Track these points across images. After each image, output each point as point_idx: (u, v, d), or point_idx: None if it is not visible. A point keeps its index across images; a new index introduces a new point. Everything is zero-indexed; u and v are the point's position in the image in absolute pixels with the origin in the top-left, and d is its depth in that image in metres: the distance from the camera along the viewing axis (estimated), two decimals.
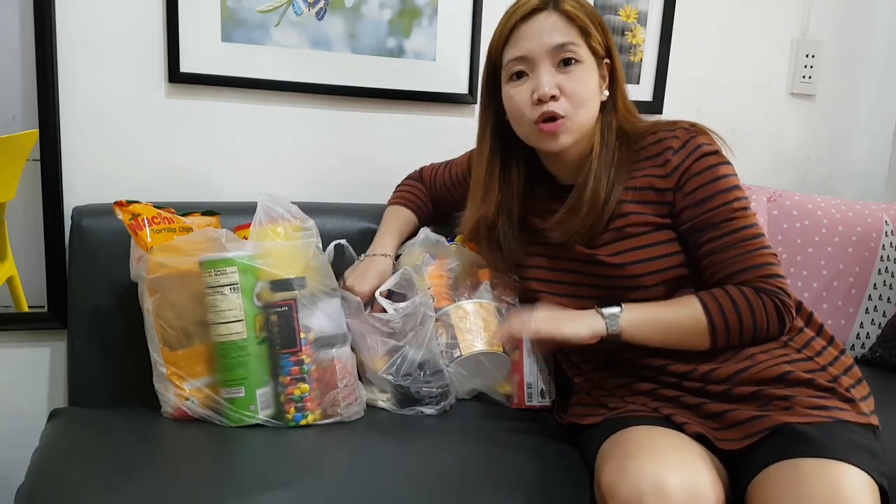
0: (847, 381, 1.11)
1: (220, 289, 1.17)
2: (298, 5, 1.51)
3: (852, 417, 1.04)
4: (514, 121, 1.19)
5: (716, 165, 1.14)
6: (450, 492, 1.06)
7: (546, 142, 1.15)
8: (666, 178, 1.15)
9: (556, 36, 1.12)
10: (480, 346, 1.32)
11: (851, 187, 2.14)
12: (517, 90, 1.15)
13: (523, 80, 1.15)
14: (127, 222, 1.21)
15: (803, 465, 0.95)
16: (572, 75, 1.13)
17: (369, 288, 1.32)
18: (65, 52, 1.38)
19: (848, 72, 2.08)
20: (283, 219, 1.25)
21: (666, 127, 1.18)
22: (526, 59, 1.14)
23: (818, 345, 1.16)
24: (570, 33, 1.13)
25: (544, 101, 1.12)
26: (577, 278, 1.22)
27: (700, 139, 1.15)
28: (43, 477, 1.05)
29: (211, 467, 1.10)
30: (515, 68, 1.15)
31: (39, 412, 1.45)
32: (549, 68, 1.13)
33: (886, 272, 1.76)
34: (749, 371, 1.10)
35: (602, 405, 1.19)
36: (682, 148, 1.14)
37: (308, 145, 1.59)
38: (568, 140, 1.15)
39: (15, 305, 1.42)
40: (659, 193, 1.16)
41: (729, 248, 1.13)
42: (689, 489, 0.93)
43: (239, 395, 1.18)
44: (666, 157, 1.15)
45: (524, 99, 1.14)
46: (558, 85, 1.12)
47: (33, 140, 1.37)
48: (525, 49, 1.13)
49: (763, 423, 1.03)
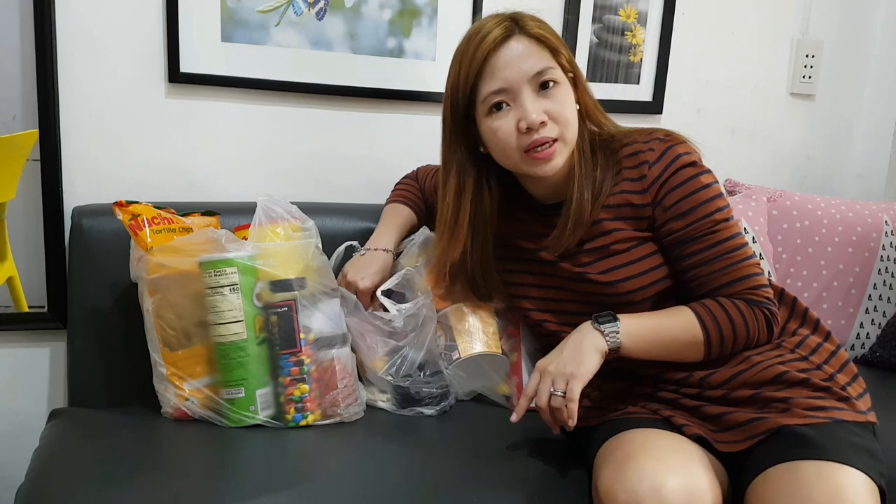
0: (843, 378, 1.11)
1: (220, 289, 1.17)
2: (298, 5, 1.51)
3: (850, 416, 1.04)
4: (499, 152, 1.14)
5: (695, 177, 1.12)
6: (450, 492, 1.06)
7: (539, 167, 1.12)
8: (643, 193, 1.14)
9: (533, 62, 1.10)
10: (479, 348, 1.32)
11: (851, 187, 2.13)
12: (501, 122, 1.11)
13: (505, 110, 1.11)
14: (127, 223, 1.21)
15: (803, 468, 0.95)
16: (554, 98, 1.11)
17: (371, 283, 1.31)
18: (65, 52, 1.38)
19: (848, 72, 2.08)
20: (282, 219, 1.25)
21: (642, 138, 1.16)
22: (506, 91, 1.10)
23: (812, 342, 1.16)
24: (544, 56, 1.11)
25: (534, 129, 1.09)
26: (566, 295, 1.21)
27: (677, 149, 1.13)
28: (43, 477, 1.05)
29: (211, 468, 1.10)
30: (495, 100, 1.11)
31: (39, 412, 1.45)
32: (531, 95, 1.10)
33: (886, 272, 1.76)
34: (745, 374, 1.10)
35: (602, 407, 1.19)
36: (658, 160, 1.13)
37: (308, 145, 1.59)
38: (560, 161, 1.12)
39: (15, 305, 1.42)
40: (636, 209, 1.15)
41: (713, 261, 1.12)
42: (687, 492, 0.93)
43: (239, 395, 1.18)
44: (642, 172, 1.14)
45: (510, 129, 1.10)
46: (544, 111, 1.09)
47: (33, 140, 1.37)
48: (503, 80, 1.10)
49: (762, 425, 1.03)
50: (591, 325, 1.11)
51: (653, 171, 1.13)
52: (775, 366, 1.10)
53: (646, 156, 1.14)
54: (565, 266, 1.19)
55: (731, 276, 1.12)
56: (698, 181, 1.12)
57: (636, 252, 1.15)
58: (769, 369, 1.09)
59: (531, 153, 1.11)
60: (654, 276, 1.15)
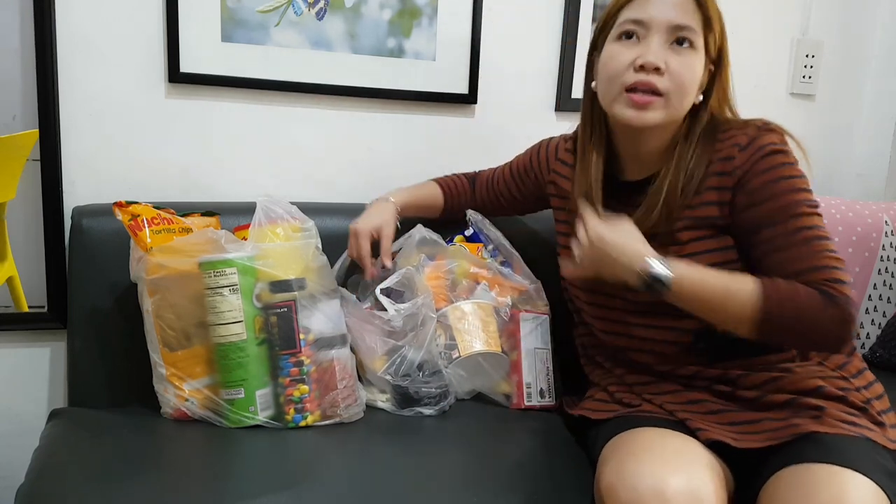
0: (879, 405, 1.10)
1: (220, 290, 1.17)
2: (298, 5, 1.51)
3: (880, 440, 1.02)
4: (605, 81, 1.12)
5: (781, 165, 1.08)
6: (449, 492, 1.06)
7: (630, 112, 1.08)
8: (728, 175, 1.10)
9: (681, 14, 1.08)
10: (479, 346, 1.32)
11: (851, 187, 2.13)
12: (621, 49, 1.09)
13: (631, 41, 1.09)
14: (127, 223, 1.21)
15: (816, 470, 0.94)
16: (683, 57, 1.08)
17: (363, 226, 1.33)
18: (65, 52, 1.38)
19: (848, 72, 2.07)
20: (282, 219, 1.25)
21: (737, 124, 1.14)
22: (642, 23, 1.08)
23: (853, 368, 1.14)
24: (695, 18, 1.09)
25: (646, 69, 1.07)
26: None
27: (770, 136, 1.10)
28: (43, 477, 1.05)
29: (210, 468, 1.10)
30: (628, 27, 1.09)
31: (39, 412, 1.45)
32: (662, 42, 1.08)
33: (886, 272, 1.76)
34: (782, 381, 1.09)
35: (617, 401, 1.18)
36: (748, 146, 1.09)
37: (308, 145, 1.59)
38: (653, 119, 1.08)
39: (15, 305, 1.42)
40: (720, 193, 1.11)
41: (790, 246, 1.04)
42: (689, 493, 0.92)
43: (238, 396, 1.18)
44: (731, 154, 1.10)
45: (625, 60, 1.08)
46: (666, 61, 1.07)
47: (33, 140, 1.37)
48: (646, 13, 1.08)
49: (790, 430, 1.02)
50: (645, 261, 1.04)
51: (742, 155, 1.09)
52: (815, 378, 1.08)
53: (738, 139, 1.11)
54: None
55: (806, 262, 1.03)
56: (783, 171, 1.08)
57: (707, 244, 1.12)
58: (809, 381, 1.08)
59: (630, 93, 1.08)
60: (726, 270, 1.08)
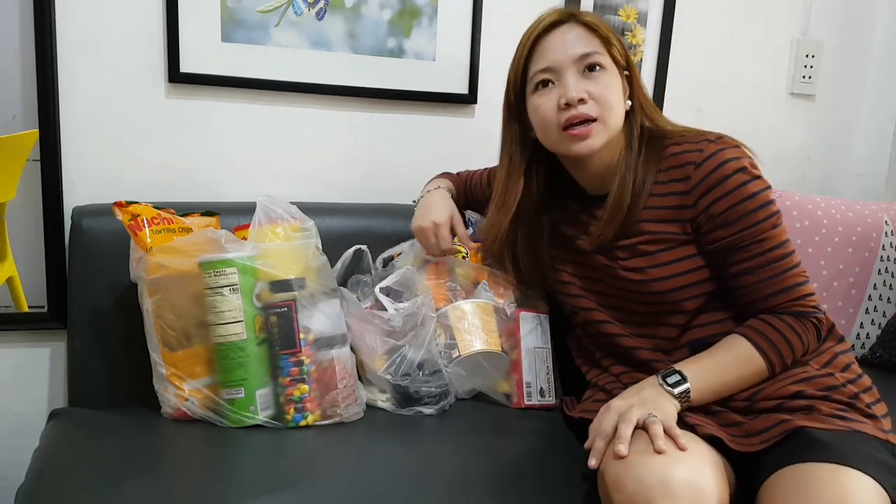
0: (867, 398, 1.11)
1: (220, 290, 1.17)
2: (298, 5, 1.51)
3: (872, 431, 1.03)
4: (541, 130, 1.18)
5: (744, 184, 1.10)
6: (450, 492, 1.06)
7: (576, 146, 1.14)
8: (686, 194, 1.13)
9: (580, 46, 1.14)
10: (479, 346, 1.32)
11: (851, 187, 2.14)
12: (543, 99, 1.15)
13: (549, 88, 1.15)
14: (126, 223, 1.21)
15: (815, 470, 0.95)
16: (598, 80, 1.13)
17: (442, 218, 1.35)
18: (65, 52, 1.38)
19: (848, 72, 2.08)
20: (282, 219, 1.25)
21: (693, 138, 1.15)
22: (551, 69, 1.14)
23: (840, 363, 1.15)
24: (593, 43, 1.14)
25: (572, 105, 1.12)
26: (603, 287, 1.22)
27: (726, 153, 1.11)
28: (43, 477, 1.05)
29: (211, 468, 1.10)
30: (541, 78, 1.15)
31: (39, 412, 1.45)
32: (575, 75, 1.13)
33: (886, 272, 1.76)
34: (768, 390, 1.11)
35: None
36: (704, 162, 1.11)
37: (308, 145, 1.59)
38: (597, 143, 1.13)
39: (15, 305, 1.42)
40: (677, 211, 1.14)
41: (758, 270, 1.12)
42: (693, 485, 0.92)
43: (239, 395, 1.18)
44: (686, 172, 1.13)
45: (551, 106, 1.14)
46: (586, 90, 1.12)
47: (33, 140, 1.37)
48: (550, 59, 1.14)
49: (782, 427, 1.03)
50: (658, 383, 1.08)
51: (698, 172, 1.12)
52: (798, 383, 1.10)
53: (692, 156, 1.13)
54: (600, 258, 1.20)
55: (777, 286, 1.12)
56: (746, 189, 1.10)
57: (673, 254, 1.15)
58: (790, 386, 1.10)
59: (568, 130, 1.13)
60: (692, 279, 1.15)
